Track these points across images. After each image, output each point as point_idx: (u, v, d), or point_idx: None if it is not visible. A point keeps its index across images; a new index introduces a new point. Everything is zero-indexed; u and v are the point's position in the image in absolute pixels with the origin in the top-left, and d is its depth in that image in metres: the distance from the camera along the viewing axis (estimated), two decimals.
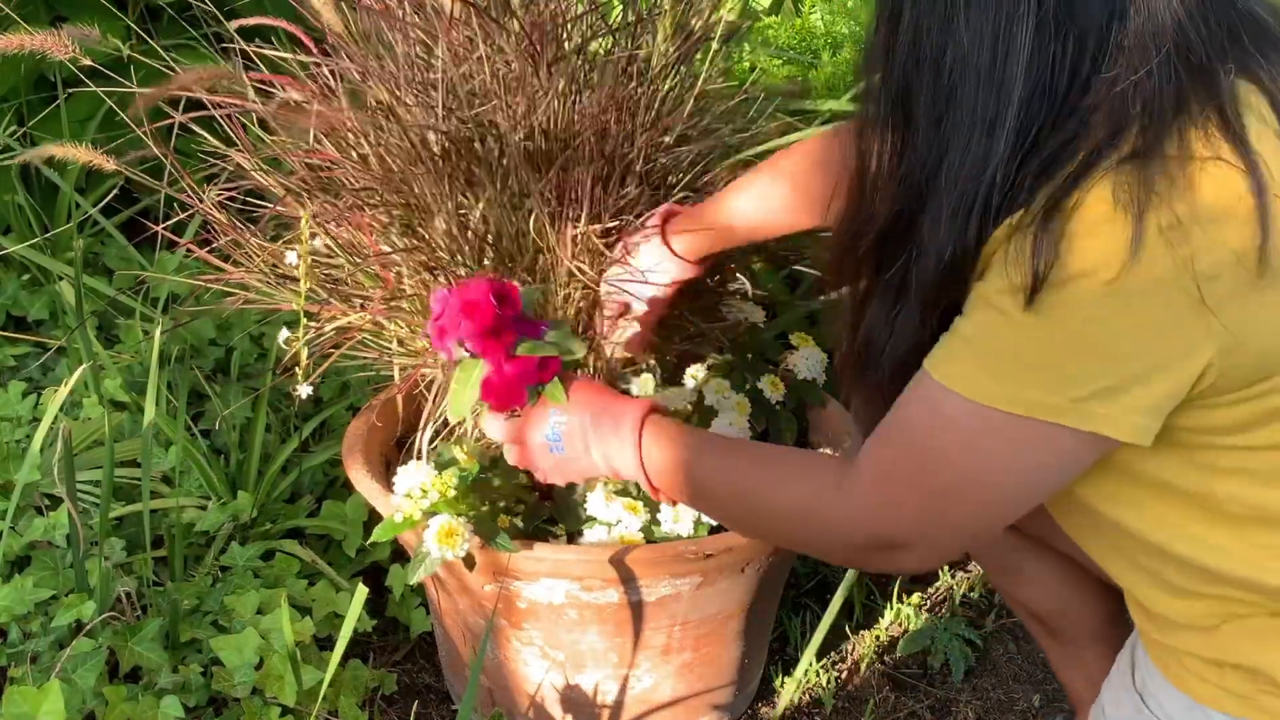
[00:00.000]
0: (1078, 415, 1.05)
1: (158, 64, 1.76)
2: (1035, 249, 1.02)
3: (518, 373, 1.38)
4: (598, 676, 1.69)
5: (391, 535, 1.54)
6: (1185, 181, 1.00)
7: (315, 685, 1.70)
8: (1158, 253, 0.99)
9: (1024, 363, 1.06)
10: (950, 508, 1.15)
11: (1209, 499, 1.12)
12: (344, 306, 1.71)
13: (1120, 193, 1.00)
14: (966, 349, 1.10)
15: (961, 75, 1.06)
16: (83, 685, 1.64)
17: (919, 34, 1.08)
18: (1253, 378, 1.05)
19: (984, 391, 1.08)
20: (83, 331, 2.17)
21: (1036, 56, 1.04)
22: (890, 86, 1.12)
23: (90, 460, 2.08)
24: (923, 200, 1.11)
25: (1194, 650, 1.18)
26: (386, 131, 1.61)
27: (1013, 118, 1.05)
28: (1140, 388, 1.04)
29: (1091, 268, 1.01)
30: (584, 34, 1.70)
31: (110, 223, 2.63)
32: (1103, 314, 1.02)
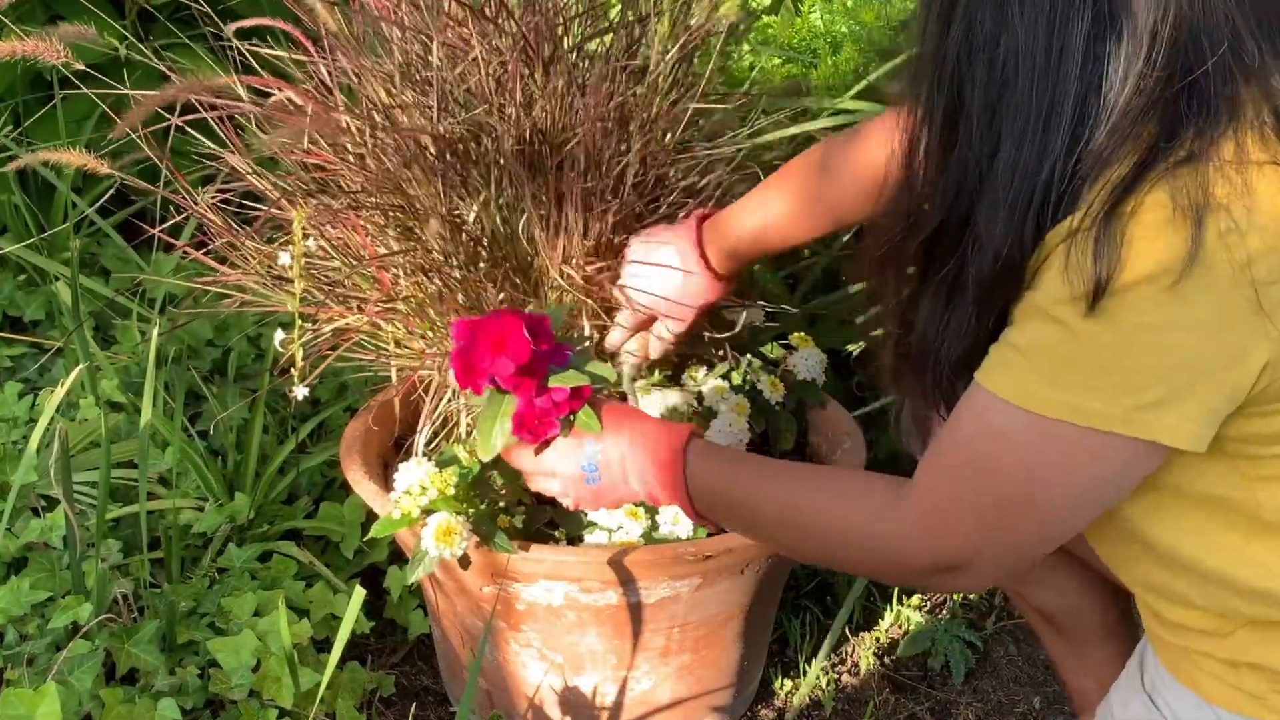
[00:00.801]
0: (1138, 425, 1.04)
1: (153, 64, 1.76)
2: (1096, 255, 1.01)
3: (551, 404, 1.35)
4: (596, 678, 1.69)
5: (390, 531, 1.54)
6: (1243, 186, 1.00)
7: (313, 687, 1.71)
8: (1217, 258, 0.99)
9: (1082, 372, 1.05)
10: (1009, 526, 1.14)
11: (1251, 507, 1.11)
12: (341, 308, 1.72)
13: (1179, 197, 1.00)
14: (1021, 359, 1.08)
15: (1016, 68, 1.05)
16: (79, 687, 1.64)
17: (972, 25, 1.07)
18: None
19: (1041, 402, 1.07)
20: (79, 332, 2.17)
21: (1091, 51, 1.03)
22: (942, 79, 1.11)
23: (87, 461, 2.08)
24: (976, 196, 1.10)
25: (1208, 650, 1.18)
26: (382, 132, 1.61)
27: (1068, 114, 1.04)
28: (1197, 395, 1.04)
29: (1152, 273, 1.00)
30: (581, 34, 1.71)
31: (107, 223, 2.64)
32: (1162, 320, 1.01)
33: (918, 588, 1.33)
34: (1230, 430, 1.08)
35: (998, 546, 1.15)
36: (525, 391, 1.34)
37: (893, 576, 1.31)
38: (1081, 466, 1.08)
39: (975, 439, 1.12)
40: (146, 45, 1.76)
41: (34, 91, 2.68)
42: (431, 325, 1.73)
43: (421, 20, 1.63)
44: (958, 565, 1.17)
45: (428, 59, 1.63)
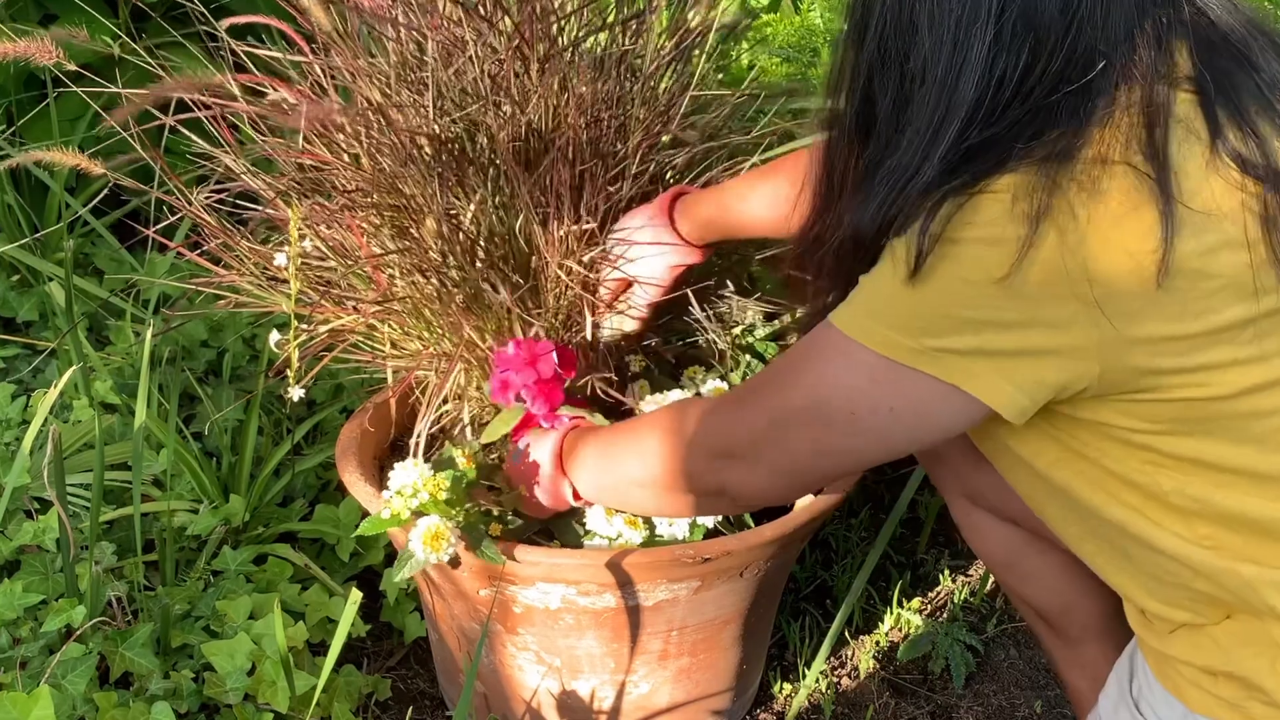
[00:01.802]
0: (935, 363, 1.11)
1: (147, 64, 1.77)
2: (929, 215, 1.07)
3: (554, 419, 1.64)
4: (594, 682, 1.70)
5: (377, 531, 1.54)
6: (1092, 185, 1.05)
7: (308, 691, 1.71)
8: (1050, 248, 1.04)
9: (894, 308, 1.12)
10: (788, 425, 1.22)
11: (1157, 491, 1.15)
12: (336, 309, 1.72)
13: (1026, 186, 1.05)
14: (856, 292, 1.17)
15: (919, 81, 1.11)
16: (73, 691, 1.65)
17: (885, 41, 1.13)
18: (1149, 378, 1.09)
19: (854, 327, 1.15)
20: (73, 333, 2.18)
21: (989, 67, 1.08)
22: (855, 90, 1.17)
23: (80, 463, 2.09)
24: (858, 191, 1.17)
25: (1188, 659, 1.20)
26: (378, 131, 1.62)
27: (957, 123, 1.09)
28: (1011, 360, 1.09)
29: (980, 242, 1.06)
30: (577, 31, 1.71)
31: (100, 223, 2.64)
32: (979, 286, 1.07)
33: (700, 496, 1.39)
34: (1103, 417, 1.13)
35: (776, 447, 1.24)
36: (537, 399, 1.61)
37: (680, 469, 1.36)
38: (870, 390, 1.15)
39: (798, 351, 1.23)
40: (140, 44, 1.76)
41: (27, 90, 2.68)
42: (428, 326, 1.73)
43: (416, 19, 1.63)
44: (732, 451, 1.29)
45: (423, 58, 1.64)
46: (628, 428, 1.48)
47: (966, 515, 1.70)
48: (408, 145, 1.60)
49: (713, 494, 1.37)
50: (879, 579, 2.21)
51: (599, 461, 1.50)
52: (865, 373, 1.15)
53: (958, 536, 2.33)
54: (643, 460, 1.40)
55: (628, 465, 1.44)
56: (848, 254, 1.19)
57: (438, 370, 1.74)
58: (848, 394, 1.17)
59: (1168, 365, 1.08)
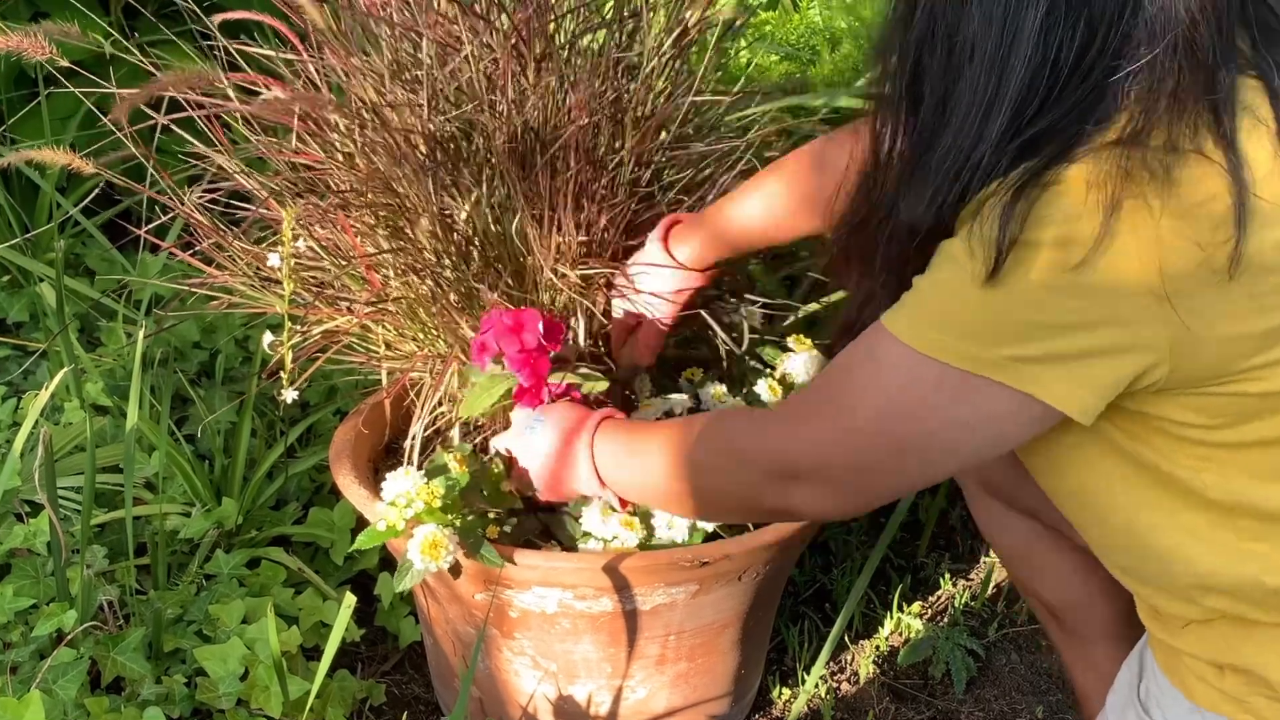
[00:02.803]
0: (1009, 373, 1.08)
1: (139, 61, 1.77)
2: (1004, 215, 1.05)
3: (547, 389, 1.60)
4: (591, 687, 1.70)
5: (374, 544, 1.55)
6: (1164, 174, 1.03)
7: (302, 696, 1.71)
8: (1124, 242, 1.02)
9: (965, 316, 1.09)
10: (860, 447, 1.19)
11: (1198, 486, 1.14)
12: (330, 309, 1.72)
13: (1097, 176, 1.03)
14: (916, 299, 1.13)
15: (969, 56, 1.08)
16: (64, 696, 1.65)
17: (935, 14, 1.11)
18: (1217, 374, 1.08)
19: (920, 338, 1.11)
20: (64, 335, 2.18)
21: (1042, 42, 1.06)
22: (904, 66, 1.15)
23: (71, 466, 2.09)
24: (913, 175, 1.14)
25: (1196, 652, 1.20)
26: (372, 131, 1.62)
27: (1010, 102, 1.07)
28: (1081, 363, 1.07)
29: (1055, 243, 1.03)
30: (574, 29, 1.72)
31: (92, 223, 2.64)
32: (1056, 288, 1.05)
33: (763, 514, 1.39)
34: (1162, 411, 1.11)
35: (841, 467, 1.21)
36: (523, 369, 1.56)
37: (738, 488, 1.33)
38: (945, 406, 1.12)
39: (855, 364, 1.19)
40: (132, 42, 1.76)
41: (18, 89, 2.69)
42: (423, 327, 1.74)
43: (411, 17, 1.64)
44: (798, 472, 1.23)
45: (418, 56, 1.64)
46: (664, 433, 1.42)
47: (982, 505, 1.70)
48: (402, 144, 1.61)
49: (778, 512, 1.35)
50: (879, 583, 2.21)
51: (634, 461, 1.45)
52: (934, 386, 1.12)
53: (959, 540, 2.33)
54: (688, 473, 1.37)
55: (669, 475, 1.39)
56: (901, 242, 1.16)
57: (432, 372, 1.74)
58: (918, 410, 1.14)
59: (1236, 364, 1.07)
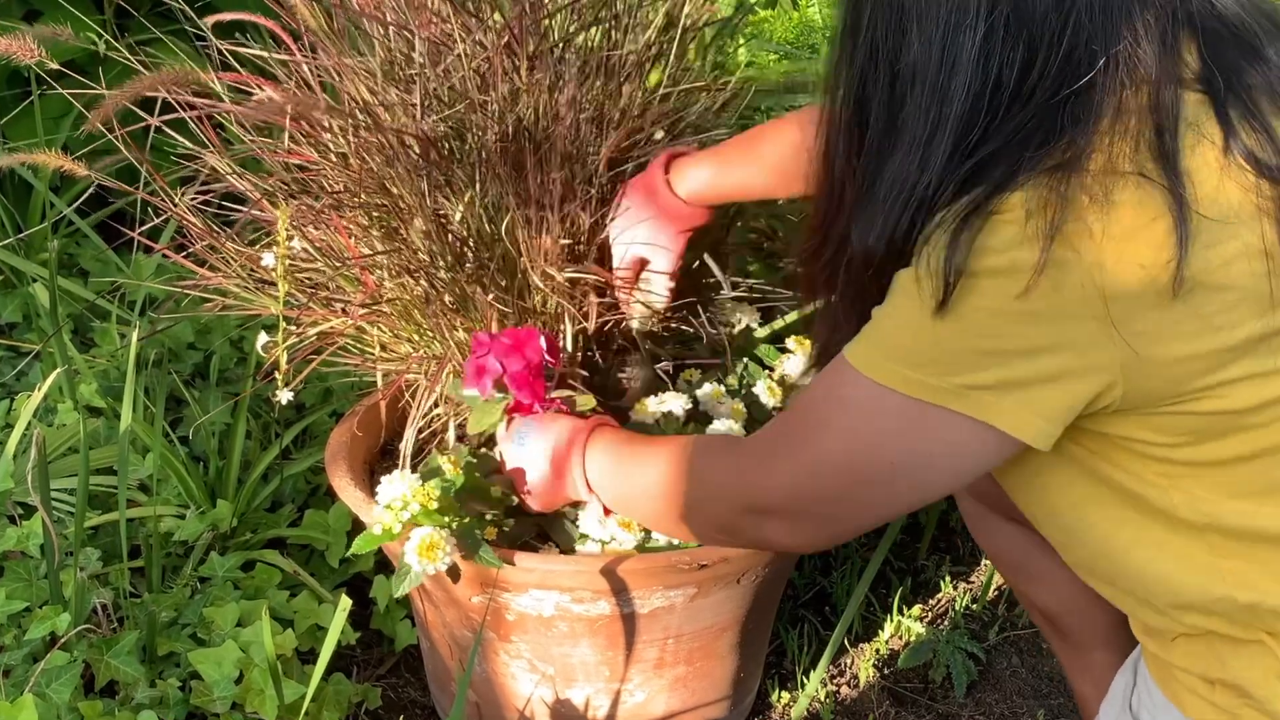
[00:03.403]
0: (966, 402, 1.09)
1: (131, 62, 1.77)
2: (950, 245, 1.05)
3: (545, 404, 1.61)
4: (588, 691, 1.70)
5: (371, 547, 1.55)
6: (1104, 197, 1.03)
7: (297, 700, 1.71)
8: (1066, 268, 1.03)
9: (920, 347, 1.10)
10: (824, 482, 1.20)
11: (1167, 505, 1.14)
12: (325, 311, 1.72)
13: (1037, 203, 1.04)
14: (874, 330, 1.15)
15: (910, 84, 1.10)
16: (57, 700, 1.65)
17: (875, 41, 1.12)
18: (1171, 394, 1.08)
19: (879, 370, 1.12)
20: (58, 336, 2.18)
21: (982, 66, 1.07)
22: (850, 95, 1.16)
23: (65, 468, 2.09)
24: (862, 203, 1.15)
25: (1187, 666, 1.21)
26: (365, 131, 1.62)
27: (952, 127, 1.08)
28: (1035, 389, 1.08)
29: (999, 271, 1.04)
30: (568, 27, 1.72)
31: (85, 224, 2.64)
32: (1003, 315, 1.05)
33: (736, 543, 1.41)
34: (1124, 431, 1.12)
35: (810, 500, 1.23)
36: (524, 388, 1.57)
37: (710, 517, 1.35)
38: (907, 438, 1.14)
39: (818, 398, 1.20)
40: (123, 42, 1.77)
41: (9, 89, 2.69)
42: (418, 328, 1.74)
43: (404, 16, 1.64)
44: (770, 508, 1.26)
45: (410, 56, 1.64)
46: (650, 454, 1.43)
47: (976, 515, 1.70)
48: (395, 144, 1.61)
49: (753, 543, 1.37)
50: (879, 586, 2.22)
51: (620, 481, 1.48)
52: (897, 418, 1.13)
53: (959, 542, 2.33)
54: (668, 502, 1.39)
55: (652, 499, 1.42)
56: (858, 270, 1.17)
57: (427, 373, 1.75)
58: (882, 442, 1.15)
59: (1189, 384, 1.07)
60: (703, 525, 1.39)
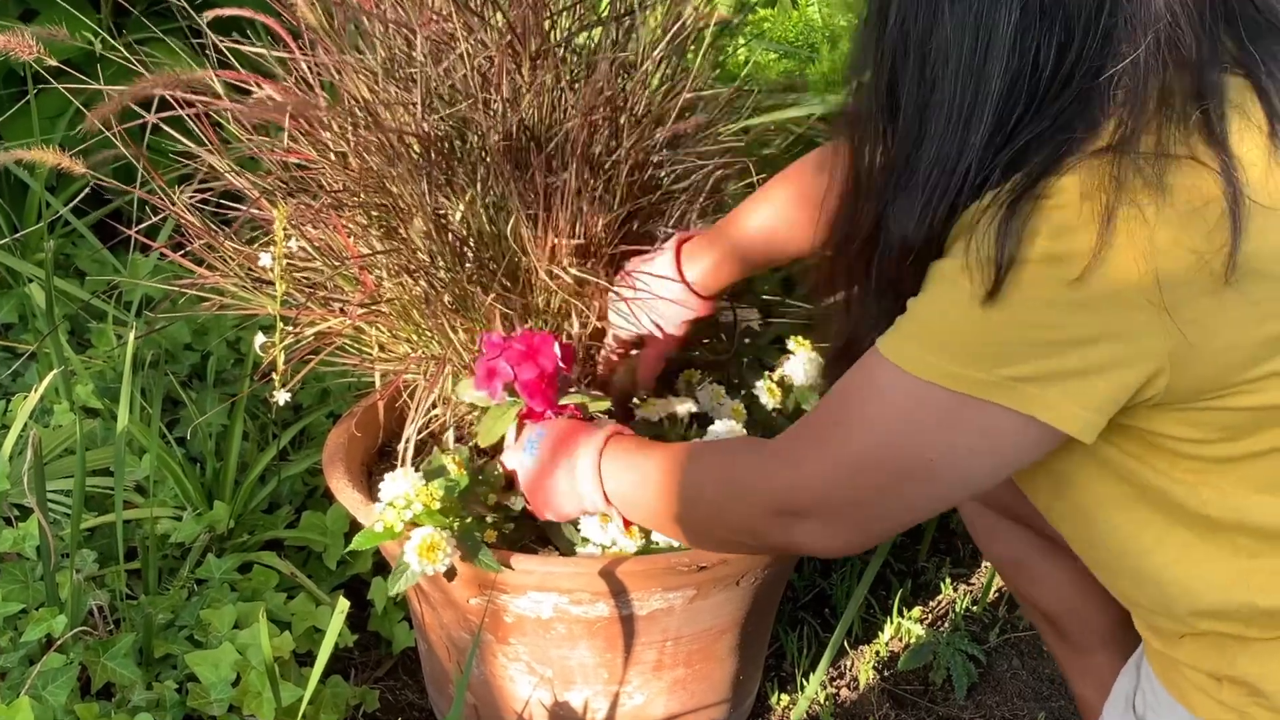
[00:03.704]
0: (1011, 395, 1.07)
1: (128, 60, 1.77)
2: (1000, 233, 1.04)
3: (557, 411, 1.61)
4: (587, 693, 1.70)
5: (371, 545, 1.55)
6: (1157, 180, 1.02)
7: (295, 702, 1.71)
8: (1121, 253, 1.01)
9: (964, 339, 1.08)
10: (859, 479, 1.18)
11: (1195, 504, 1.13)
12: (323, 311, 1.72)
13: (1090, 186, 1.02)
14: (912, 323, 1.12)
15: (944, 64, 1.08)
16: (53, 702, 1.65)
17: (906, 23, 1.10)
18: (1214, 386, 1.07)
19: (919, 364, 1.10)
20: (54, 336, 2.18)
21: (1018, 45, 1.05)
22: (879, 79, 1.14)
23: (61, 469, 2.09)
24: (896, 190, 1.13)
25: (1194, 663, 1.20)
26: (365, 130, 1.62)
27: (990, 109, 1.06)
28: (1082, 380, 1.06)
29: (1051, 255, 1.03)
30: (570, 26, 1.72)
31: (82, 223, 2.64)
32: (1056, 304, 1.04)
33: (768, 548, 1.39)
34: (1158, 427, 1.10)
35: (844, 500, 1.20)
36: (537, 395, 1.57)
37: (740, 522, 1.31)
38: (948, 433, 1.11)
39: (854, 391, 1.17)
40: (121, 40, 1.77)
41: (6, 88, 2.68)
42: (416, 328, 1.74)
43: (404, 14, 1.64)
44: (804, 509, 1.22)
45: (411, 54, 1.64)
46: (671, 461, 1.40)
47: (976, 515, 1.70)
48: (395, 143, 1.61)
49: (782, 548, 1.34)
50: (879, 587, 2.22)
51: (641, 491, 1.44)
52: (935, 413, 1.10)
53: (959, 544, 2.33)
54: (692, 508, 1.36)
55: (673, 506, 1.39)
56: (893, 261, 1.15)
57: (426, 374, 1.74)
58: (920, 439, 1.12)
59: (1234, 375, 1.06)
60: (728, 532, 1.35)
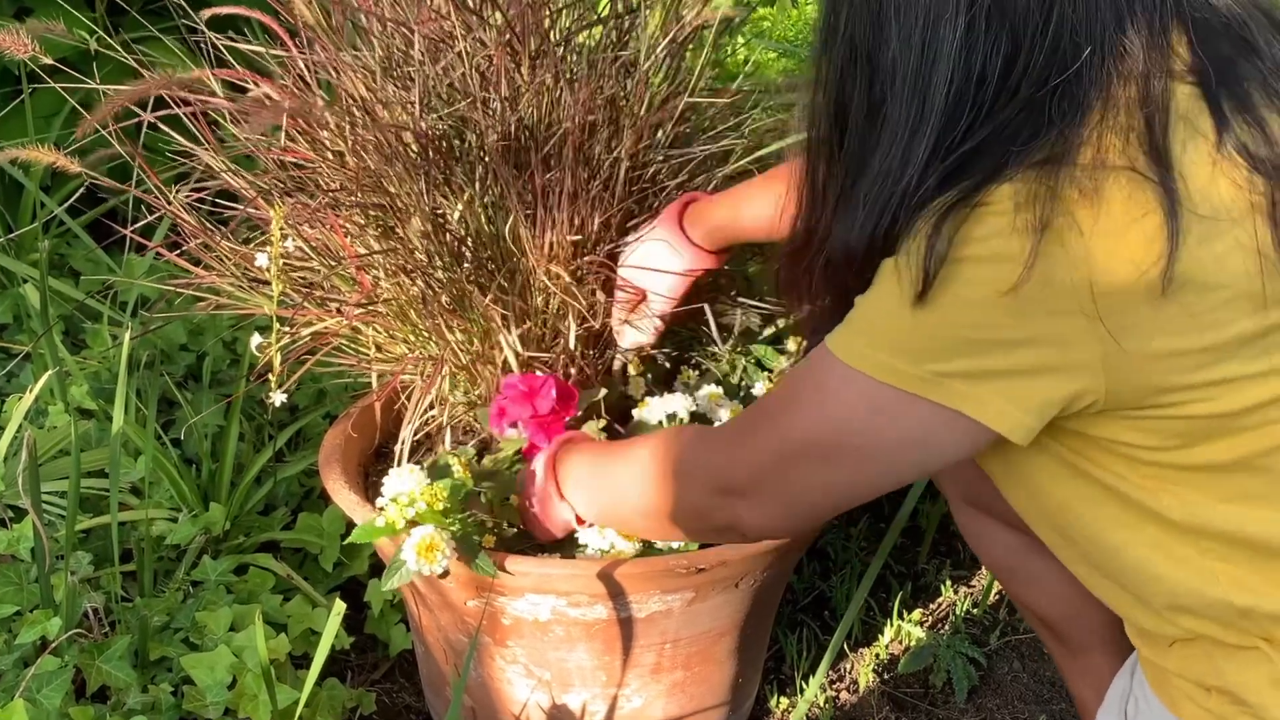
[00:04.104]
0: (938, 389, 1.09)
1: (124, 59, 1.77)
2: (933, 234, 1.05)
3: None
4: (585, 696, 1.70)
5: (370, 538, 1.54)
6: (1094, 191, 1.02)
7: (290, 705, 1.71)
8: (1054, 261, 1.02)
9: (897, 334, 1.10)
10: (795, 461, 1.21)
11: (1155, 507, 1.14)
12: (319, 311, 1.72)
13: (1025, 197, 1.03)
14: (854, 317, 1.15)
15: (891, 81, 1.09)
16: (48, 705, 1.65)
17: (853, 43, 1.12)
18: (1159, 392, 1.07)
19: (855, 355, 1.13)
20: (48, 336, 2.18)
21: (964, 60, 1.06)
22: (829, 99, 1.16)
23: (56, 470, 2.09)
24: (843, 202, 1.15)
25: (1183, 672, 1.20)
26: (362, 128, 1.62)
27: (935, 123, 1.07)
28: (1011, 380, 1.08)
29: (983, 260, 1.04)
30: (570, 26, 1.72)
31: (77, 223, 2.64)
32: (985, 305, 1.05)
33: (705, 531, 1.42)
34: (1108, 433, 1.11)
35: (780, 480, 1.23)
36: (538, 431, 1.65)
37: (682, 503, 1.35)
38: (878, 423, 1.14)
39: (797, 380, 1.21)
40: (117, 39, 1.77)
41: (1, 86, 2.68)
42: (414, 329, 1.74)
43: (403, 12, 1.64)
44: (741, 489, 1.27)
45: (409, 52, 1.64)
46: (623, 452, 1.46)
47: (969, 520, 1.70)
48: (393, 142, 1.61)
49: (723, 529, 1.36)
50: (879, 590, 2.21)
51: (596, 482, 1.49)
52: (866, 402, 1.13)
53: (960, 546, 2.33)
54: (643, 491, 1.39)
55: (627, 493, 1.43)
56: (838, 268, 1.17)
57: (423, 374, 1.74)
58: (849, 425, 1.16)
59: (1176, 382, 1.07)
60: (675, 517, 1.38)
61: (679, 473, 1.34)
